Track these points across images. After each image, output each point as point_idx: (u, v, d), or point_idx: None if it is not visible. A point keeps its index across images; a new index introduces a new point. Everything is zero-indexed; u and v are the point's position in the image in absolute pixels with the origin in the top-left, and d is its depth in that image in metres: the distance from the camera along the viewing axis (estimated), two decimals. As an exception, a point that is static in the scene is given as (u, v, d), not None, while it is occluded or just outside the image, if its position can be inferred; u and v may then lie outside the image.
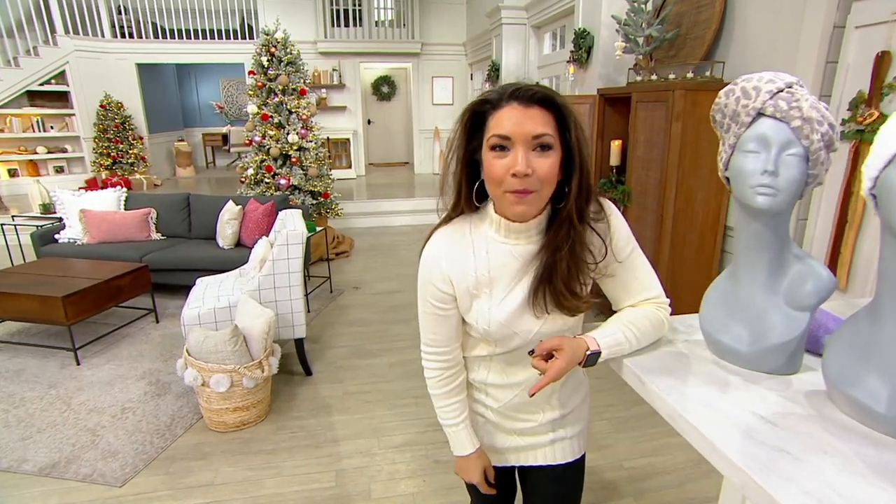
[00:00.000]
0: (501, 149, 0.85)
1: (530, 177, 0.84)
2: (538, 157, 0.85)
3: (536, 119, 0.84)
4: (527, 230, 0.94)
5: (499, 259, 0.96)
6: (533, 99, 0.85)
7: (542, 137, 0.84)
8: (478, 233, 0.98)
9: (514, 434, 1.12)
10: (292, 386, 2.83)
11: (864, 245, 2.02)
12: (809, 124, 0.80)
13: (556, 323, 0.97)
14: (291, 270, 2.76)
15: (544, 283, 0.93)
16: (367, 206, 6.82)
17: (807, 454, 0.72)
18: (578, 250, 0.92)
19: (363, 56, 8.89)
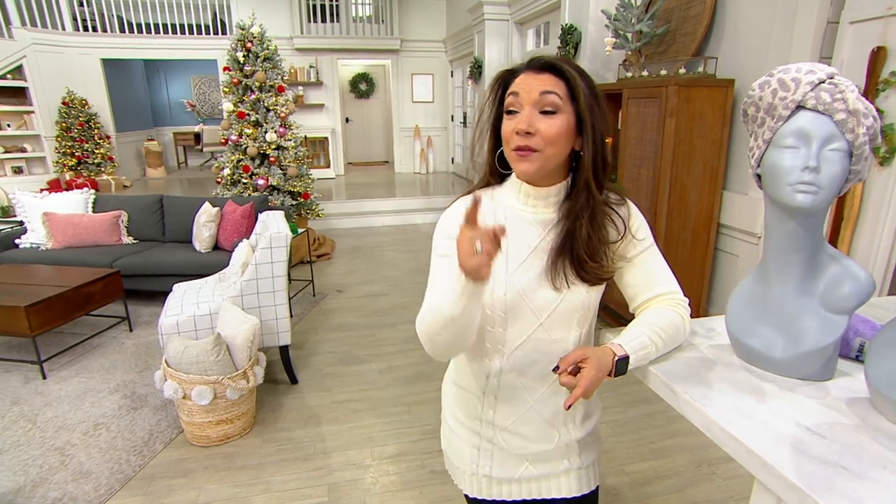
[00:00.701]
0: (513, 112, 0.89)
1: (533, 135, 0.87)
2: (544, 119, 0.87)
3: (545, 80, 0.88)
4: (546, 196, 0.95)
5: (516, 225, 0.95)
6: (544, 66, 0.90)
7: (548, 96, 0.87)
8: (499, 200, 0.99)
9: (527, 461, 1.05)
10: (278, 395, 2.72)
11: (861, 241, 2.02)
12: (855, 117, 0.75)
13: (573, 300, 0.94)
14: (275, 275, 2.65)
15: (564, 251, 0.92)
16: (347, 206, 6.70)
17: (865, 470, 0.68)
18: (598, 219, 0.93)
19: (341, 52, 8.74)
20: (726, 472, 2.07)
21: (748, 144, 0.89)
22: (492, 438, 1.05)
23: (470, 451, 1.07)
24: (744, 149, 2.62)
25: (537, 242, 0.95)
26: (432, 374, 2.92)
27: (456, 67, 8.83)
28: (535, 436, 1.02)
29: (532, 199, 0.96)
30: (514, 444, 1.03)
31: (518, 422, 1.02)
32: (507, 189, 0.99)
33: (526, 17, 5.42)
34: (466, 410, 1.07)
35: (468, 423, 1.07)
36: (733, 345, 0.97)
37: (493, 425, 1.04)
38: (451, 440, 1.12)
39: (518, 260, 0.94)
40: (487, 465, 1.06)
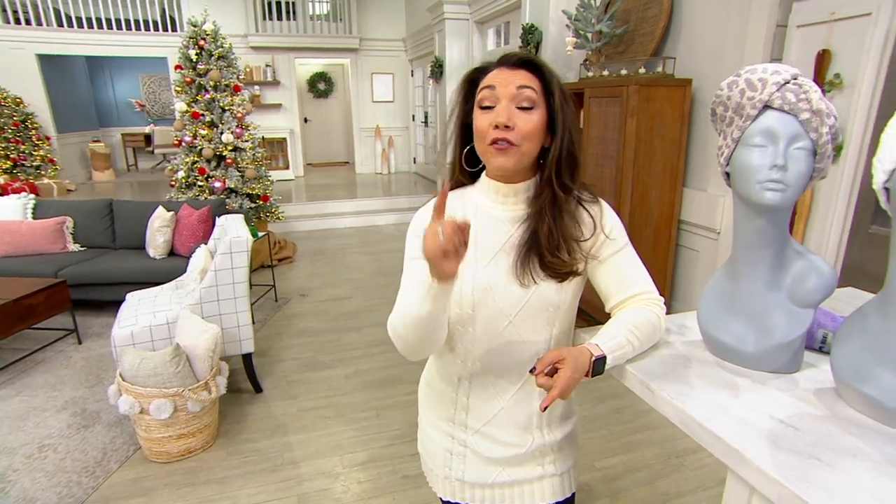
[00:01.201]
0: (489, 108, 0.89)
1: (511, 129, 0.87)
2: (521, 114, 0.87)
3: (521, 76, 0.89)
4: (514, 193, 0.95)
5: (484, 223, 0.96)
6: (517, 62, 0.90)
7: (525, 91, 0.87)
8: (468, 199, 0.99)
9: (499, 465, 1.03)
10: (241, 405, 2.62)
11: (813, 235, 2.12)
12: (819, 117, 0.78)
13: (541, 298, 0.93)
14: (236, 281, 2.55)
15: (529, 246, 0.92)
16: (308, 208, 6.56)
17: (836, 459, 0.69)
18: (563, 215, 0.93)
19: (298, 51, 8.56)
20: (693, 462, 2.13)
21: (717, 143, 0.90)
22: (464, 441, 1.03)
23: (443, 454, 1.06)
24: (701, 147, 2.71)
25: (506, 239, 0.95)
26: (400, 377, 2.89)
27: (416, 67, 8.80)
28: (508, 439, 1.01)
29: (502, 195, 0.96)
30: (486, 447, 1.02)
31: (490, 424, 1.01)
32: (477, 188, 1.00)
33: (486, 17, 5.44)
34: (439, 412, 1.06)
35: (441, 425, 1.06)
36: (705, 340, 0.99)
37: (465, 427, 1.03)
38: (426, 443, 1.11)
39: (486, 257, 0.94)
40: (460, 469, 1.05)
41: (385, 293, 4.20)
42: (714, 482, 2.02)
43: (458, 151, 0.99)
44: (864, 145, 1.95)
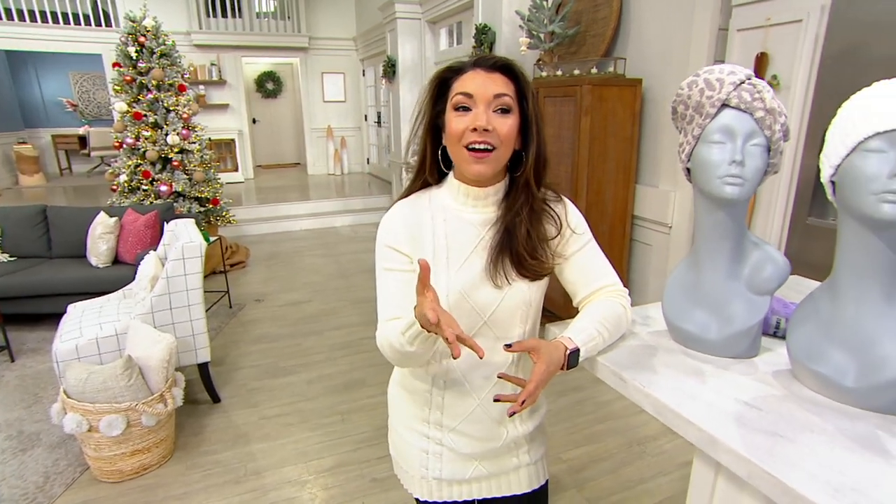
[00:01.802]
0: (464, 109, 0.89)
1: (490, 133, 0.87)
2: (498, 117, 0.88)
3: (498, 82, 0.89)
4: (485, 196, 0.96)
5: (456, 226, 0.96)
6: (495, 66, 0.90)
7: (503, 98, 0.88)
8: (437, 202, 0.99)
9: (475, 460, 1.04)
10: (199, 417, 2.52)
11: (756, 225, 2.24)
12: (772, 115, 0.83)
13: (515, 297, 0.95)
14: (190, 287, 2.45)
15: (504, 248, 0.94)
16: (260, 211, 6.37)
17: (797, 435, 0.74)
18: (537, 216, 0.96)
19: (245, 50, 8.30)
20: (654, 449, 2.21)
21: (678, 141, 0.95)
22: (440, 440, 1.04)
23: (419, 454, 1.06)
24: (652, 144, 2.82)
25: (477, 241, 0.96)
26: (364, 380, 2.86)
27: (368, 66, 8.71)
28: (484, 434, 1.02)
29: (471, 199, 0.97)
30: (462, 444, 1.03)
31: (466, 421, 1.02)
32: (444, 190, 1.00)
33: (438, 17, 5.45)
34: (414, 413, 1.06)
35: (416, 426, 1.06)
36: (670, 330, 1.03)
37: (441, 426, 1.03)
38: (399, 445, 1.11)
39: (459, 260, 0.95)
40: (437, 468, 1.05)
41: (345, 295, 4.14)
42: (674, 467, 2.11)
43: (430, 152, 0.98)
44: (800, 143, 2.09)
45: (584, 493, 1.97)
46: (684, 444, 2.23)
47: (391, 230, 0.97)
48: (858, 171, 0.71)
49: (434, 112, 0.95)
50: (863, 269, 0.78)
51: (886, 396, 0.78)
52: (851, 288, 0.80)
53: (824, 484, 0.65)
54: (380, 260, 0.98)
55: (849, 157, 0.73)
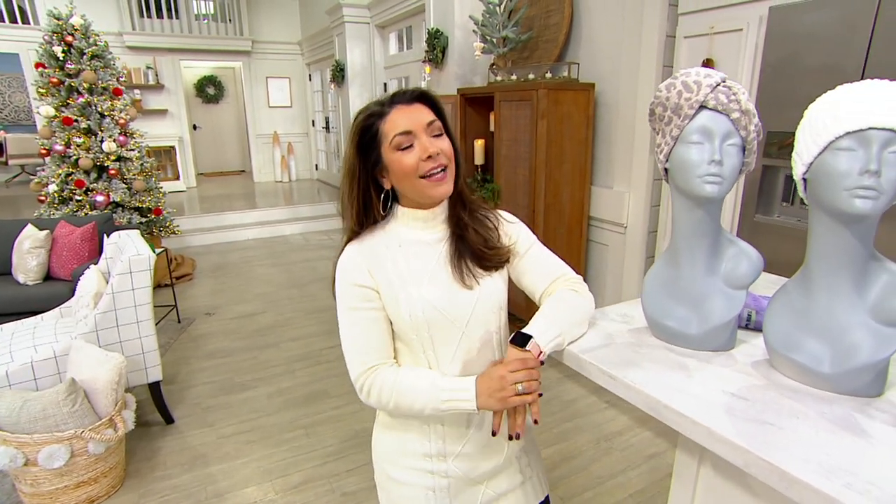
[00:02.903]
0: (407, 147, 0.92)
1: (440, 155, 0.93)
2: (438, 141, 0.94)
3: (422, 111, 0.94)
4: (434, 217, 1.00)
5: (413, 249, 0.99)
6: (413, 97, 0.95)
7: (434, 123, 0.94)
8: (388, 233, 1.01)
9: (483, 482, 1.04)
10: (151, 440, 2.37)
11: (706, 225, 2.35)
12: (747, 116, 0.86)
13: (487, 298, 0.99)
14: (138, 303, 2.30)
15: (462, 250, 0.99)
16: (204, 220, 6.10)
17: (783, 422, 0.77)
18: (477, 218, 1.03)
19: (183, 53, 7.94)
20: (621, 444, 2.27)
21: (655, 141, 0.97)
22: (446, 472, 1.01)
23: (424, 495, 1.02)
24: (605, 147, 2.91)
25: (436, 257, 0.99)
26: (326, 391, 2.78)
27: (314, 70, 8.55)
28: (486, 452, 1.02)
29: (422, 221, 1.00)
30: (468, 468, 1.02)
31: (469, 442, 1.01)
32: (392, 223, 1.02)
33: (387, 21, 5.43)
34: (413, 453, 1.02)
35: (417, 465, 1.02)
36: (651, 326, 1.06)
37: (444, 456, 1.01)
38: (399, 494, 1.05)
39: (424, 277, 0.97)
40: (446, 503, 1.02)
41: (299, 305, 4.02)
42: (641, 459, 2.17)
43: (375, 199, 0.99)
44: (744, 144, 2.21)
45: (558, 492, 1.99)
46: (650, 438, 2.31)
47: (352, 268, 0.97)
48: (831, 168, 0.75)
49: (369, 164, 0.96)
50: (834, 261, 0.82)
51: (859, 380, 0.82)
52: (824, 280, 0.84)
53: (817, 466, 0.68)
54: (344, 300, 0.97)
55: (821, 156, 0.77)
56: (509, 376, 0.89)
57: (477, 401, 0.90)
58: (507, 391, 0.88)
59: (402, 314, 0.94)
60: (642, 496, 1.96)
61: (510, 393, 0.88)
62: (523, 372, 0.89)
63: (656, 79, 2.46)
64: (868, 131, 0.72)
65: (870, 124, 0.71)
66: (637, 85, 2.59)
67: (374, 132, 0.94)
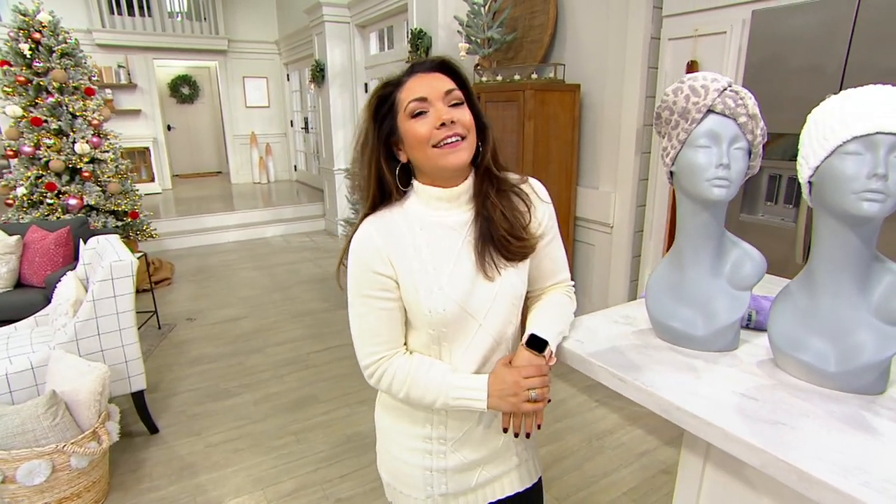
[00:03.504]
0: (420, 113, 0.88)
1: (455, 124, 0.88)
2: (455, 110, 0.89)
3: (442, 79, 0.90)
4: (457, 196, 0.95)
5: (435, 233, 0.94)
6: (433, 66, 0.92)
7: (453, 92, 0.89)
8: (408, 212, 0.96)
9: (479, 465, 1.04)
10: (135, 450, 2.30)
11: (692, 224, 2.39)
12: (754, 120, 0.87)
13: (507, 291, 0.96)
14: (121, 310, 2.23)
15: (487, 237, 0.94)
16: (182, 223, 5.96)
17: (795, 421, 0.78)
18: (506, 197, 0.96)
19: (156, 52, 7.75)
20: (612, 443, 2.29)
21: (661, 145, 0.98)
22: (444, 454, 1.02)
23: (422, 474, 1.03)
24: (591, 148, 2.93)
25: (460, 244, 0.95)
26: (315, 396, 2.74)
27: (292, 70, 8.44)
28: (486, 437, 1.02)
29: (444, 202, 0.95)
30: (466, 452, 1.02)
31: (470, 430, 1.01)
32: (415, 201, 0.97)
33: (367, 21, 5.38)
34: (412, 433, 1.03)
35: (417, 444, 1.03)
36: (656, 328, 1.06)
37: (444, 440, 1.01)
38: (398, 469, 1.07)
39: (448, 266, 0.93)
40: (442, 484, 1.03)
41: (284, 309, 3.96)
42: (633, 457, 2.19)
43: (389, 173, 0.94)
44: (729, 144, 2.25)
45: (552, 493, 2.00)
46: (641, 435, 2.33)
47: (369, 249, 0.92)
48: (838, 171, 0.77)
49: (383, 133, 0.93)
50: (838, 262, 0.84)
51: (864, 379, 0.84)
52: (828, 281, 0.86)
53: (831, 465, 0.69)
54: (357, 286, 0.94)
55: (828, 160, 0.78)
56: (524, 382, 0.89)
57: (488, 401, 0.91)
58: (520, 397, 0.89)
59: (422, 308, 0.91)
60: (636, 493, 1.99)
61: (523, 399, 0.90)
62: (538, 379, 0.90)
63: (641, 80, 2.49)
64: (875, 136, 0.73)
65: (877, 129, 0.73)
66: (622, 86, 2.62)
67: (391, 101, 0.91)
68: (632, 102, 2.58)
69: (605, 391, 2.67)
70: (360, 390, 2.78)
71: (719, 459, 0.98)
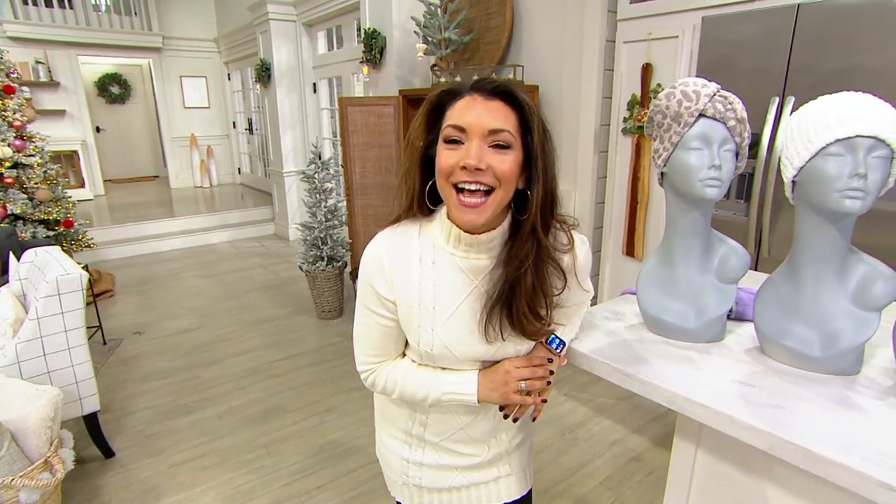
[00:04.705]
0: (455, 141, 0.79)
1: (483, 172, 0.77)
2: (494, 154, 0.77)
3: (497, 112, 0.78)
4: (482, 243, 0.85)
5: (445, 271, 0.87)
6: (495, 92, 0.80)
7: (501, 134, 0.77)
8: (426, 238, 0.89)
9: (455, 470, 1.03)
10: (90, 477, 2.14)
11: (651, 219, 2.50)
12: (742, 124, 0.93)
13: (505, 352, 0.90)
14: (69, 327, 2.07)
15: (503, 303, 0.84)
16: (120, 231, 5.60)
17: (792, 404, 0.84)
18: (544, 266, 0.84)
19: (80, 47, 7.22)
20: (584, 435, 2.36)
21: (653, 147, 1.02)
22: (422, 449, 1.02)
23: (399, 462, 1.05)
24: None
25: (469, 292, 0.87)
26: (283, 406, 2.66)
27: (233, 70, 8.11)
28: (465, 451, 1.02)
29: (464, 245, 0.86)
30: (443, 458, 1.02)
31: (448, 440, 1.00)
32: (435, 226, 0.89)
33: (315, 20, 5.26)
34: (395, 424, 1.05)
35: (398, 435, 1.05)
36: (649, 322, 1.11)
37: (422, 441, 1.02)
38: (383, 450, 1.10)
39: (446, 312, 0.87)
40: (417, 476, 1.04)
41: (239, 317, 3.81)
42: (605, 447, 2.27)
43: (418, 186, 0.87)
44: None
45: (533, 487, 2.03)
46: (610, 426, 2.42)
47: (375, 269, 0.89)
48: (822, 171, 0.83)
49: (427, 141, 0.85)
50: (820, 254, 0.90)
51: (844, 361, 0.91)
52: (810, 271, 0.92)
53: (833, 443, 0.74)
54: (362, 295, 0.93)
55: (812, 161, 0.84)
56: (515, 372, 0.89)
57: (478, 394, 0.90)
58: (510, 387, 0.89)
59: (413, 340, 0.91)
60: (611, 482, 2.06)
61: (513, 388, 0.88)
62: (528, 370, 0.89)
63: (598, 82, 2.58)
64: (855, 139, 0.80)
65: (857, 132, 0.79)
66: (580, 87, 2.70)
67: (442, 111, 0.82)
68: (589, 103, 2.67)
69: (572, 385, 2.75)
70: (328, 398, 2.72)
71: (710, 445, 1.03)
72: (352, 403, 2.66)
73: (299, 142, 5.84)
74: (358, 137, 3.50)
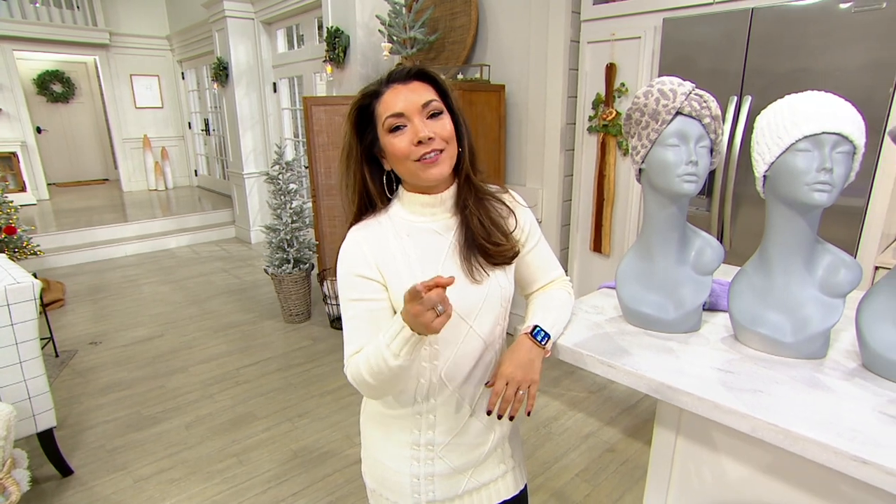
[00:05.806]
0: (398, 128, 0.89)
1: (434, 140, 0.88)
2: (434, 122, 0.89)
3: (419, 90, 0.90)
4: (441, 202, 0.97)
5: (421, 237, 0.96)
6: (410, 75, 0.91)
7: (431, 104, 0.89)
8: (394, 219, 0.98)
9: (467, 472, 1.05)
10: (47, 498, 2.03)
11: (617, 216, 2.57)
12: (716, 121, 0.96)
13: (495, 293, 0.97)
14: (20, 340, 1.96)
15: (471, 244, 0.96)
16: (68, 237, 5.33)
17: (770, 388, 0.88)
18: (484, 205, 0.98)
19: (16, 42, 6.80)
20: (557, 428, 2.40)
21: (631, 144, 1.05)
22: (432, 459, 1.02)
23: (410, 481, 1.02)
24: (516, 146, 3.04)
25: (446, 247, 0.97)
26: (253, 413, 2.59)
27: (188, 68, 7.84)
28: (474, 441, 1.03)
29: (429, 208, 0.97)
30: (454, 457, 1.02)
31: (459, 433, 1.02)
32: (400, 207, 0.99)
33: (273, 18, 5.14)
34: (400, 440, 1.02)
35: (404, 452, 1.02)
36: (628, 315, 1.14)
37: (433, 446, 1.01)
38: (384, 476, 1.06)
39: (434, 270, 0.94)
40: (430, 491, 1.03)
41: (202, 324, 3.68)
42: (579, 440, 2.31)
43: (374, 183, 0.97)
44: (646, 141, 2.45)
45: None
46: (583, 419, 2.47)
47: (356, 255, 0.94)
48: (792, 166, 0.87)
49: (365, 144, 0.94)
50: (789, 245, 0.95)
51: (813, 345, 0.96)
52: (780, 261, 0.97)
53: (811, 423, 0.78)
54: (345, 290, 0.95)
55: (782, 156, 0.89)
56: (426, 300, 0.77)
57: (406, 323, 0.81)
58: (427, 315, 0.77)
59: None
60: (587, 474, 2.10)
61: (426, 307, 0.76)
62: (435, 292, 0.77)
63: (563, 81, 2.63)
64: (822, 135, 0.85)
65: (823, 129, 0.84)
66: (546, 86, 2.74)
67: (370, 112, 0.92)
68: (555, 102, 2.71)
69: (545, 380, 2.79)
70: (299, 403, 2.67)
71: (689, 431, 1.07)
72: (324, 407, 2.62)
73: (259, 143, 5.70)
74: (323, 137, 3.45)
